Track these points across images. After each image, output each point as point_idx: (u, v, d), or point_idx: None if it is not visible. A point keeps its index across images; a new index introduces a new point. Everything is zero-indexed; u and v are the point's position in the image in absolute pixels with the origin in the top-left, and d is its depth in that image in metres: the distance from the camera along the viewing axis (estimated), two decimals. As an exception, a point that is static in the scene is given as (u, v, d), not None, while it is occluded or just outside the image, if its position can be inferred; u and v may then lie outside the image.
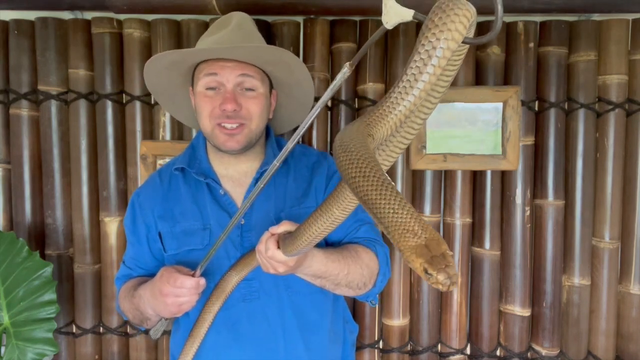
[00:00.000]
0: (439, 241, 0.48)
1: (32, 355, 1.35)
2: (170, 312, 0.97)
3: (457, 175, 1.47)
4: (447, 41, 0.53)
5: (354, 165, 0.53)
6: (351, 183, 0.53)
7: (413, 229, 0.49)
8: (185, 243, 1.07)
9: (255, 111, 1.04)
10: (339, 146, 0.57)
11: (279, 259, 0.83)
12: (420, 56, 0.55)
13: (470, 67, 1.45)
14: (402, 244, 0.49)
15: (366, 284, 1.03)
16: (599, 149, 1.46)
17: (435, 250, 0.47)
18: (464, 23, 0.52)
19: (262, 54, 1.03)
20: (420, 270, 0.47)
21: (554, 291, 1.48)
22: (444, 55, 0.53)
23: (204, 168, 1.11)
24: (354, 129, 0.61)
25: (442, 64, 0.54)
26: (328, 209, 0.72)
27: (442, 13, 0.53)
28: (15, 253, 1.34)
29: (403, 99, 0.58)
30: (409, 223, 0.49)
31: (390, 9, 0.59)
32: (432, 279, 0.46)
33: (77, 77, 1.49)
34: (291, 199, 1.09)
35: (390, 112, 0.60)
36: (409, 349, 1.54)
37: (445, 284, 0.45)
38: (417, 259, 0.47)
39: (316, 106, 0.73)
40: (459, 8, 0.52)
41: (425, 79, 0.55)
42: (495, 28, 0.53)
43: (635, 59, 1.43)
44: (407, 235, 0.48)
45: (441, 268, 0.46)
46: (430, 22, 0.54)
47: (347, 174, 0.54)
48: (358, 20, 1.47)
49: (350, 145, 0.55)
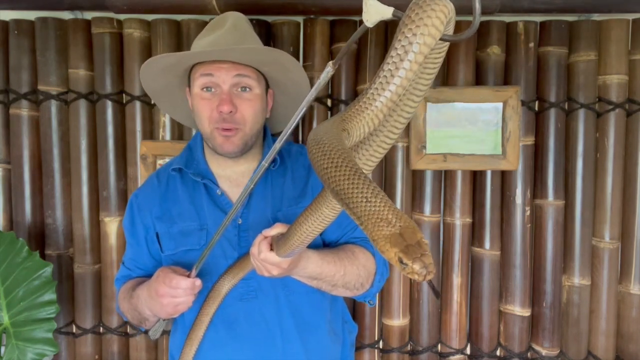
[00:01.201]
0: (414, 229, 0.47)
1: (32, 355, 1.35)
2: (166, 312, 0.97)
3: (457, 175, 1.47)
4: (424, 36, 0.52)
5: (326, 156, 0.52)
6: (323, 175, 0.52)
7: (387, 217, 0.47)
8: (182, 243, 1.07)
9: (249, 115, 1.04)
10: (312, 139, 0.56)
11: (272, 262, 0.83)
12: (396, 52, 0.54)
13: (470, 67, 1.45)
14: (376, 233, 0.47)
15: (363, 285, 1.03)
16: (599, 149, 1.46)
17: (410, 239, 0.45)
18: (441, 19, 0.52)
19: (258, 55, 1.03)
20: (394, 260, 0.45)
21: (554, 291, 1.48)
22: (421, 51, 0.53)
23: (201, 169, 1.11)
24: (328, 124, 0.60)
25: (418, 60, 0.54)
26: (317, 208, 0.71)
27: (418, 9, 0.53)
28: (15, 253, 1.34)
29: (379, 95, 0.57)
30: (383, 211, 0.47)
31: (370, 7, 0.59)
32: (408, 268, 0.45)
33: (77, 77, 1.49)
34: (288, 198, 1.09)
35: (367, 108, 0.59)
36: (409, 349, 1.54)
37: (422, 273, 0.44)
38: (392, 248, 0.45)
39: (301, 106, 0.73)
40: (435, 4, 0.52)
41: (402, 75, 0.55)
42: (473, 26, 0.53)
43: (635, 59, 1.43)
44: (380, 224, 0.47)
45: (417, 257, 0.44)
46: (407, 18, 0.54)
47: (319, 166, 0.52)
48: (358, 20, 1.47)
49: (323, 138, 0.55)
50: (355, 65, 1.48)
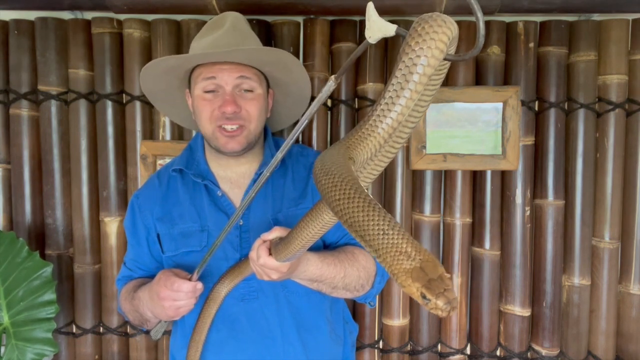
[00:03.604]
0: (435, 263, 0.45)
1: (32, 355, 1.35)
2: (168, 315, 0.97)
3: (457, 175, 1.47)
4: (424, 67, 0.51)
5: (337, 187, 0.50)
6: (335, 206, 0.50)
7: (406, 250, 0.45)
8: (183, 245, 1.07)
9: (254, 112, 1.04)
10: (319, 169, 0.55)
11: (271, 266, 0.83)
12: (397, 80, 0.53)
13: (470, 67, 1.45)
14: (396, 267, 0.45)
15: (364, 286, 1.03)
16: (599, 149, 1.46)
17: (432, 273, 0.44)
18: (441, 47, 0.51)
19: (260, 55, 1.03)
20: (416, 295, 0.44)
21: (554, 291, 1.48)
22: (423, 75, 0.52)
23: (202, 169, 1.11)
24: (334, 152, 0.59)
25: (419, 88, 0.53)
26: (318, 215, 0.70)
27: (419, 37, 0.51)
28: (15, 253, 1.34)
29: (382, 121, 0.57)
30: (401, 245, 0.46)
31: (373, 24, 0.58)
32: (431, 304, 0.43)
33: (77, 77, 1.49)
34: (288, 199, 1.09)
35: (371, 134, 0.58)
36: (409, 349, 1.54)
37: (445, 309, 0.43)
38: (414, 283, 0.44)
39: (302, 119, 0.74)
40: (438, 26, 0.50)
41: (402, 103, 0.54)
42: (477, 46, 0.52)
43: (635, 59, 1.43)
44: (400, 258, 0.45)
45: (440, 292, 0.43)
46: (407, 46, 0.52)
47: (330, 197, 0.51)
48: (358, 20, 1.47)
49: (332, 168, 0.53)
50: (356, 66, 1.48)
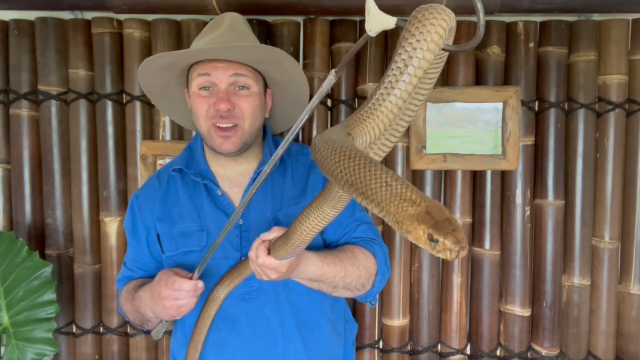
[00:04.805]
0: (441, 207, 0.43)
1: (32, 355, 1.35)
2: (169, 315, 0.97)
3: (457, 175, 1.47)
4: (424, 51, 0.52)
5: (337, 151, 0.50)
6: (335, 169, 0.49)
7: (410, 197, 0.43)
8: (183, 244, 1.07)
9: (248, 110, 1.04)
10: (318, 141, 0.55)
11: (270, 265, 0.83)
12: (397, 64, 0.54)
13: (470, 67, 1.45)
14: (400, 215, 0.43)
15: (364, 285, 1.03)
16: (599, 149, 1.46)
17: (438, 216, 0.42)
18: (440, 33, 0.51)
19: (254, 53, 1.03)
20: (423, 239, 0.42)
21: (554, 291, 1.48)
22: (421, 64, 0.52)
23: (201, 169, 1.11)
24: (332, 129, 0.60)
25: (419, 73, 0.53)
26: (318, 207, 0.70)
27: (418, 22, 0.51)
28: (15, 253, 1.34)
29: (381, 105, 0.57)
30: (405, 193, 0.44)
31: (373, 17, 0.59)
32: (439, 245, 0.41)
33: (77, 77, 1.49)
34: (288, 198, 1.09)
35: (369, 117, 0.58)
36: (409, 349, 1.54)
37: (454, 249, 0.40)
38: (419, 225, 0.42)
39: (303, 113, 0.74)
40: (435, 17, 0.51)
41: (402, 87, 0.55)
42: (477, 36, 0.52)
43: (635, 59, 1.43)
44: (404, 205, 0.43)
45: (448, 232, 0.41)
46: (407, 32, 0.53)
47: (330, 161, 0.50)
48: (358, 20, 1.47)
49: (331, 137, 0.53)
50: (356, 65, 1.48)
